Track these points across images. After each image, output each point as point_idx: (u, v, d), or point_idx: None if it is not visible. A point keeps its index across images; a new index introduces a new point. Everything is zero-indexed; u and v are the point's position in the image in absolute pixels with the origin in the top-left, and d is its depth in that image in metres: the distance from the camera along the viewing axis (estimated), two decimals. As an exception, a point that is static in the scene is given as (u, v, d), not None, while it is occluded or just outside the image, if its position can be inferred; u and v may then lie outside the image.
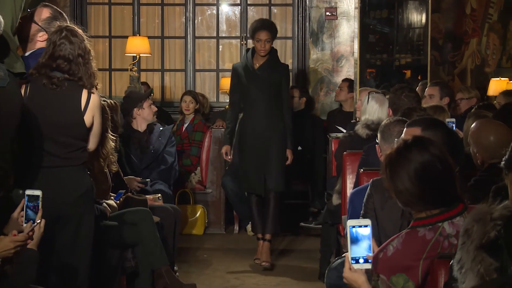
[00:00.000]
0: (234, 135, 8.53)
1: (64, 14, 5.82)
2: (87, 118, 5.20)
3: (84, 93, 5.19)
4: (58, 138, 5.17)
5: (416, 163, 3.50)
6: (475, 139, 4.81)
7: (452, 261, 2.99)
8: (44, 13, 5.67)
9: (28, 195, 4.15)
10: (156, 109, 8.46)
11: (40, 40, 5.65)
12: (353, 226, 3.47)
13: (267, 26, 8.45)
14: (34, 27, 5.57)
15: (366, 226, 3.46)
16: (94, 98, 5.24)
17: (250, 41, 9.07)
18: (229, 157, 8.53)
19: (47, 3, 5.94)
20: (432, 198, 3.50)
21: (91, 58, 5.25)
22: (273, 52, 8.47)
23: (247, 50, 8.59)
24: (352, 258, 3.50)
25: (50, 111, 5.15)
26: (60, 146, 5.18)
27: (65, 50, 5.18)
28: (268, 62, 8.40)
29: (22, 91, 5.15)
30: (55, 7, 5.81)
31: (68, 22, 5.61)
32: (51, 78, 5.14)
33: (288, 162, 8.36)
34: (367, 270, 3.60)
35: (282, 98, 8.41)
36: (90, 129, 5.27)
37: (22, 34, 5.47)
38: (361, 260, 3.48)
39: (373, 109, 6.94)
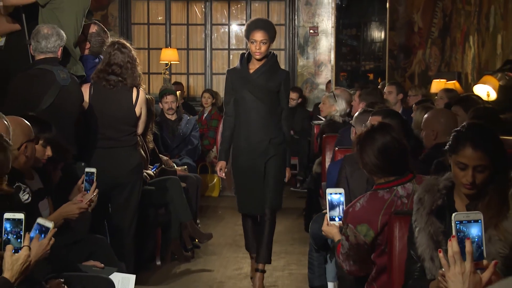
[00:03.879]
0: (229, 148, 5.84)
1: (107, 32, 5.86)
2: (137, 110, 5.32)
3: (134, 91, 5.29)
4: (116, 126, 5.27)
5: (379, 142, 3.50)
6: (429, 122, 4.74)
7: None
8: (91, 28, 5.73)
9: (86, 172, 4.16)
10: (170, 106, 8.39)
11: (85, 48, 5.72)
12: (331, 193, 3.66)
13: (262, 25, 5.60)
14: (82, 37, 5.61)
15: (340, 193, 3.66)
16: (141, 94, 5.35)
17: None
18: (223, 174, 5.84)
19: (96, 21, 5.96)
20: (389, 169, 3.50)
21: (136, 64, 5.32)
22: (271, 56, 5.72)
23: (243, 53, 5.82)
24: (330, 217, 3.67)
25: (109, 106, 5.26)
26: (118, 131, 5.27)
27: (118, 58, 5.24)
28: (265, 67, 5.64)
29: (87, 91, 5.22)
30: (102, 26, 5.84)
31: (108, 37, 5.66)
32: (108, 80, 5.23)
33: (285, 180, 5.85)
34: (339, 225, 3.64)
35: (282, 108, 5.73)
36: (139, 118, 5.34)
37: None
38: (336, 219, 3.66)
39: (341, 103, 6.99)
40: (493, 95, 6.70)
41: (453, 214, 2.35)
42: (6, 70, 5.31)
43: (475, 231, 2.34)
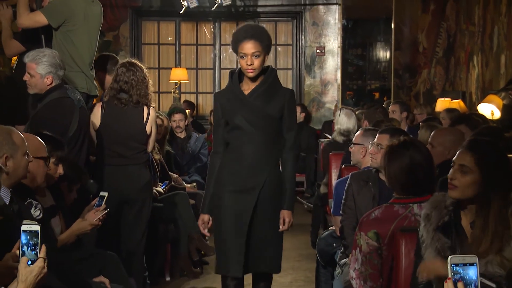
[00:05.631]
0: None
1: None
2: (147, 128, 5.32)
3: (145, 110, 5.30)
4: (127, 143, 5.27)
5: (408, 160, 3.47)
6: (441, 140, 4.69)
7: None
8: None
9: (100, 195, 4.18)
10: (178, 124, 8.39)
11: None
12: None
13: (252, 33, 4.17)
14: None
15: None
16: (152, 113, 5.36)
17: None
18: (206, 231, 4.33)
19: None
20: (412, 188, 3.47)
21: (146, 82, 5.30)
22: (270, 71, 4.28)
23: (232, 71, 4.36)
24: None
25: (121, 124, 5.26)
26: (129, 149, 5.27)
27: (127, 77, 5.23)
28: (262, 86, 4.22)
29: (99, 110, 5.24)
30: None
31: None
32: (119, 99, 5.24)
33: (284, 227, 4.25)
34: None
35: (284, 137, 4.29)
36: (149, 136, 5.34)
37: None
38: None
39: (343, 120, 7.00)
40: (497, 114, 6.70)
41: (449, 257, 2.42)
42: (18, 88, 5.34)
43: (470, 273, 2.41)
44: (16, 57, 5.71)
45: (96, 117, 5.28)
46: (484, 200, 2.78)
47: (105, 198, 4.13)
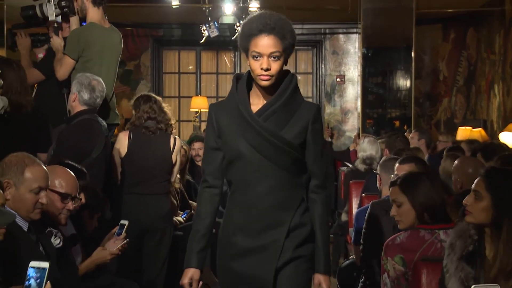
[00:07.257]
0: (207, 247, 3.16)
1: None
2: (173, 157, 5.36)
3: (172, 139, 5.39)
4: (152, 172, 5.31)
5: (429, 182, 3.50)
6: (458, 169, 4.72)
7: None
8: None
9: (121, 223, 4.19)
10: (197, 152, 8.40)
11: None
12: None
13: (272, 27, 2.85)
14: None
15: None
16: (178, 142, 5.47)
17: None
18: None
19: None
20: (438, 215, 3.48)
21: (166, 110, 5.36)
22: (289, 79, 3.03)
23: (238, 75, 3.05)
24: None
25: (147, 152, 5.32)
26: (153, 177, 5.31)
27: (149, 106, 5.31)
28: (278, 101, 2.96)
29: (126, 138, 5.27)
30: None
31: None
32: (147, 127, 5.27)
33: None
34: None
35: (312, 171, 3.02)
36: (174, 165, 5.38)
37: None
38: None
39: (367, 148, 7.00)
40: (519, 143, 6.66)
41: (472, 287, 2.44)
42: (41, 117, 5.38)
43: None
44: (35, 85, 5.71)
45: (122, 145, 5.31)
46: (496, 226, 2.78)
47: (125, 227, 4.14)
